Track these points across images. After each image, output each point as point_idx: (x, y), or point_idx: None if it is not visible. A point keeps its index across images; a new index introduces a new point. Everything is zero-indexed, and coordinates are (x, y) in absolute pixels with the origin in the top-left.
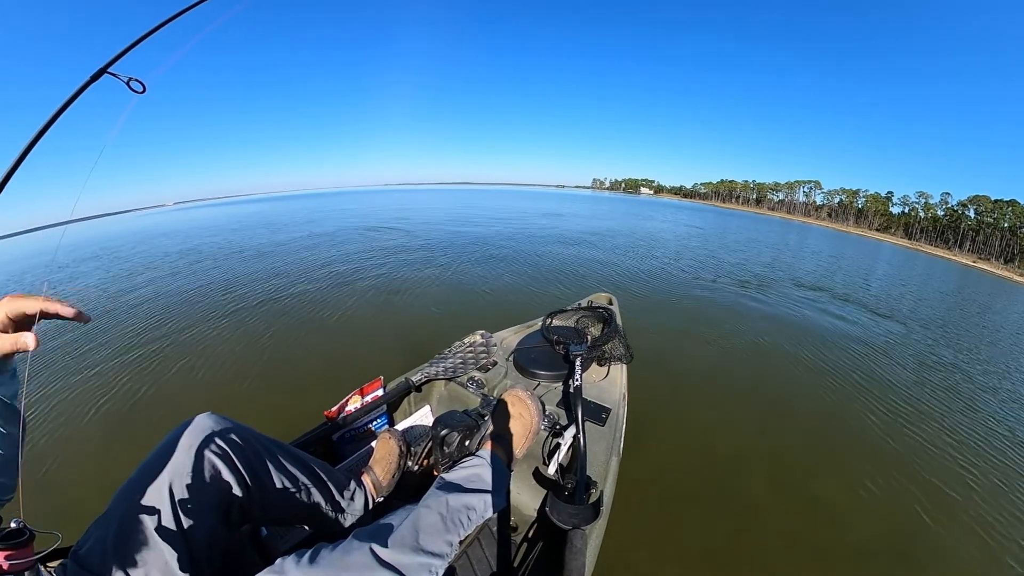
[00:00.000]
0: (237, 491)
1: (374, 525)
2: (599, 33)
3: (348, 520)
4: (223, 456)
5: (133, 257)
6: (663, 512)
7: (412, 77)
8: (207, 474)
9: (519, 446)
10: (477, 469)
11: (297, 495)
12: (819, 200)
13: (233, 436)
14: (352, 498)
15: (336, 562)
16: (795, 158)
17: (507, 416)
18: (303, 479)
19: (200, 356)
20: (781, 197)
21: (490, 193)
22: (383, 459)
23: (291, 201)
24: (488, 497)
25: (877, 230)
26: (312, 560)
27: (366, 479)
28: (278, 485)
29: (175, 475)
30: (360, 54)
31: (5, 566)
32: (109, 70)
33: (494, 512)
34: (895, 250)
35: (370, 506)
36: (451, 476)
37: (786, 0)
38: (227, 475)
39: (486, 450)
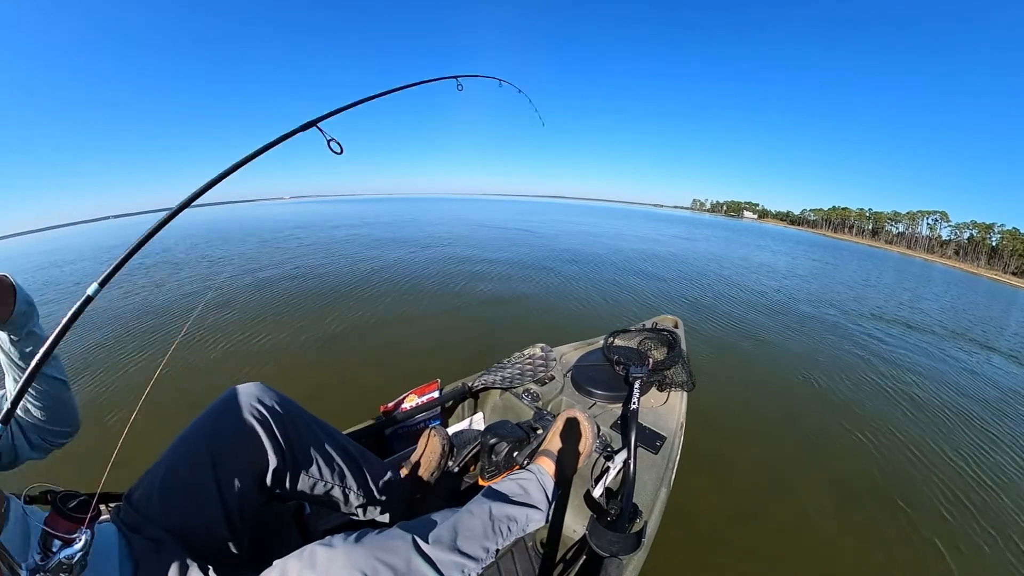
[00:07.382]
0: (273, 459)
1: (419, 519)
2: (704, 49)
3: (380, 509)
4: (263, 423)
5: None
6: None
7: (512, 86)
8: (247, 437)
9: (571, 467)
10: (526, 483)
11: (331, 474)
12: (945, 234)
13: (276, 406)
14: (387, 489)
15: (380, 543)
16: (919, 186)
17: (563, 435)
18: (339, 460)
19: (288, 338)
20: (901, 229)
21: (582, 209)
22: (425, 455)
23: (398, 204)
24: (532, 512)
25: (1013, 273)
26: (358, 539)
27: (404, 473)
28: (313, 460)
29: (217, 435)
30: (458, 58)
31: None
32: (319, 125)
33: (535, 528)
34: None
35: (404, 499)
36: (500, 486)
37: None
38: (265, 441)
39: (538, 466)
